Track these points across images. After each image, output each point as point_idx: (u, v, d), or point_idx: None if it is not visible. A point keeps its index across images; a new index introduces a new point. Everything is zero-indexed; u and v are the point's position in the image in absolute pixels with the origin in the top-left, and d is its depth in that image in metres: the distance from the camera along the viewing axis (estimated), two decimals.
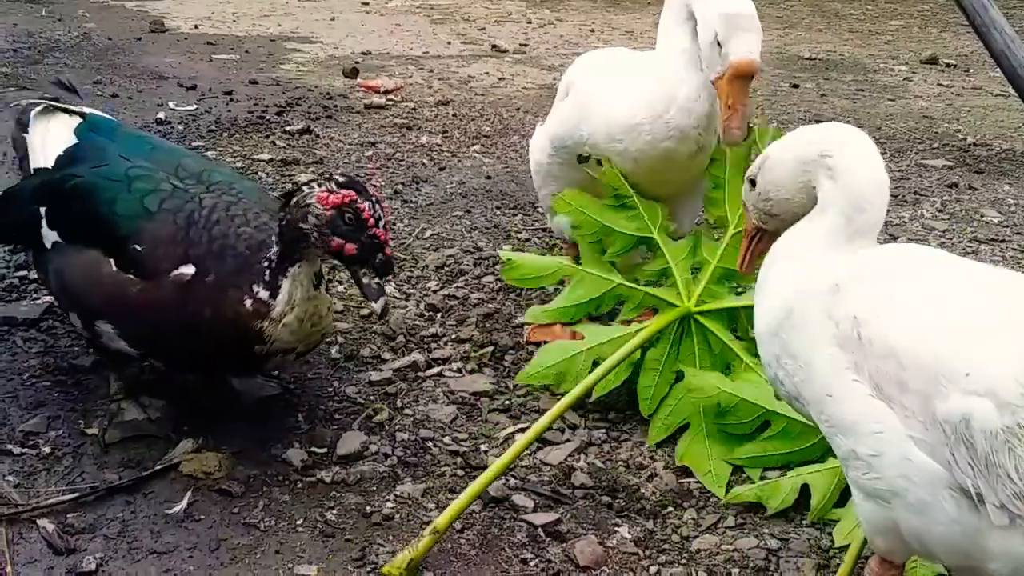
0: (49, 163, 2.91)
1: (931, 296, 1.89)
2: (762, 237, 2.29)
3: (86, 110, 3.11)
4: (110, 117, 3.12)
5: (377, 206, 2.47)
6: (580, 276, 3.09)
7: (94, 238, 2.69)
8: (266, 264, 2.55)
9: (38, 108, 3.09)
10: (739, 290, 3.04)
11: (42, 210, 2.79)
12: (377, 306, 2.49)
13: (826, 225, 2.07)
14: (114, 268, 2.64)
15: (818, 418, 2.01)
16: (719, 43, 2.76)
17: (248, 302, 2.53)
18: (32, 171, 2.96)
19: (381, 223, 2.47)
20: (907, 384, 1.81)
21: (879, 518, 1.92)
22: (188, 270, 2.57)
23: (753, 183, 2.25)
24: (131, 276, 2.61)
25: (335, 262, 2.70)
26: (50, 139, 2.97)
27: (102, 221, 2.67)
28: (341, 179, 2.51)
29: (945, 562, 1.91)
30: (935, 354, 1.79)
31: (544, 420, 2.68)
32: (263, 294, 2.54)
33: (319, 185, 2.50)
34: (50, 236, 2.78)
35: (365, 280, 2.50)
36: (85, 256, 2.69)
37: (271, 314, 2.54)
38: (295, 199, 2.52)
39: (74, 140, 2.93)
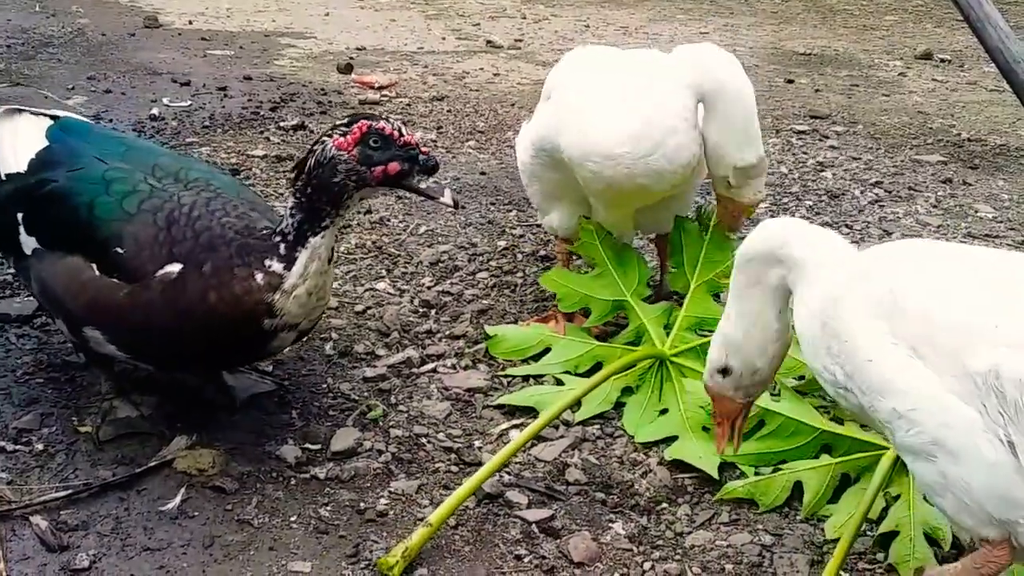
0: (22, 167, 2.84)
1: (957, 265, 2.03)
2: (745, 412, 2.41)
3: (59, 113, 3.05)
4: (83, 119, 3.08)
5: (391, 120, 2.50)
6: (561, 342, 3.22)
7: (75, 243, 2.65)
8: (279, 239, 2.54)
9: (2, 111, 3.02)
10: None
11: (19, 216, 2.75)
12: (447, 199, 2.51)
13: (814, 285, 2.15)
14: (97, 273, 2.61)
15: (860, 389, 2.06)
16: (729, 183, 2.93)
17: (259, 276, 2.52)
18: (4, 176, 2.87)
19: (404, 131, 2.49)
20: (939, 341, 1.92)
21: (933, 476, 1.96)
22: (174, 268, 2.54)
23: (724, 371, 2.33)
24: (115, 280, 2.58)
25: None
26: (20, 143, 2.90)
27: (82, 226, 2.63)
28: (344, 120, 2.52)
29: (998, 516, 1.91)
30: (965, 311, 1.92)
31: (539, 422, 2.77)
32: (277, 267, 2.53)
33: (328, 138, 2.50)
34: (29, 243, 2.74)
35: (423, 185, 2.51)
36: (67, 262, 2.65)
37: (283, 285, 2.53)
38: (311, 162, 2.50)
39: (45, 143, 2.87)
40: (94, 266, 2.61)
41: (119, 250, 2.58)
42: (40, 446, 2.74)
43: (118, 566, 2.35)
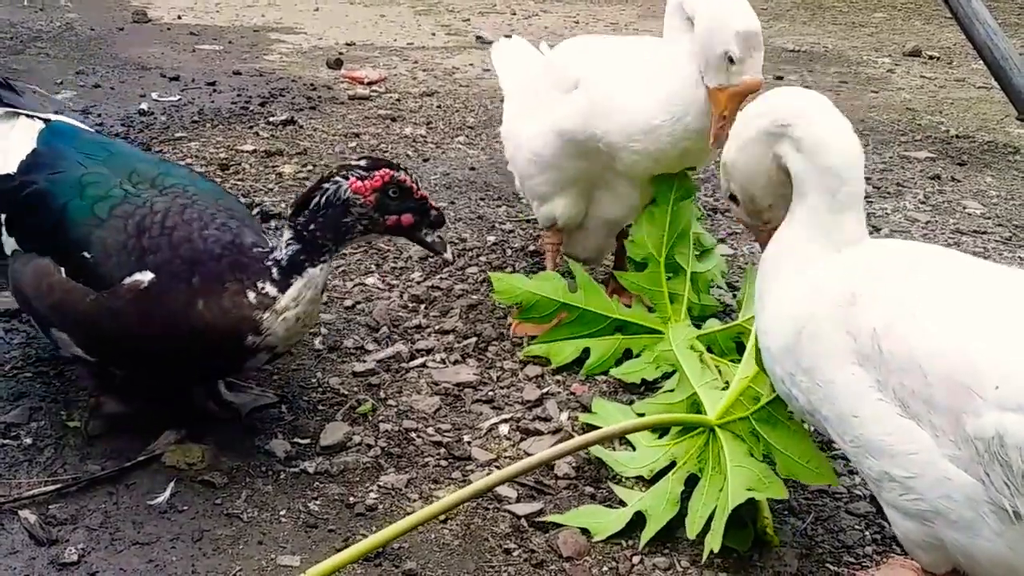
0: (11, 169, 2.86)
1: (952, 304, 1.82)
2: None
3: (52, 116, 3.07)
4: (74, 123, 3.09)
5: (410, 172, 2.59)
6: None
7: (46, 246, 2.66)
8: (272, 264, 2.55)
9: (0, 112, 3.04)
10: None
11: (2, 217, 2.78)
12: (449, 255, 2.71)
13: (808, 210, 2.02)
14: (64, 276, 2.61)
15: (840, 437, 1.93)
16: (730, 59, 2.81)
17: (251, 295, 2.53)
18: None
19: (420, 185, 2.59)
20: (934, 400, 1.76)
21: (921, 536, 1.87)
22: (144, 277, 2.53)
23: (734, 197, 2.21)
24: (81, 285, 2.58)
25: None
26: (12, 145, 2.92)
27: (54, 228, 2.64)
28: (365, 163, 2.57)
29: (994, 574, 1.83)
30: (961, 366, 1.73)
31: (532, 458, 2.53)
32: (270, 289, 2.53)
33: (345, 178, 2.53)
34: (10, 243, 2.76)
35: (429, 239, 2.64)
36: (37, 264, 2.67)
37: (275, 306, 2.54)
38: (319, 200, 2.53)
39: (35, 146, 2.89)
40: (62, 269, 2.61)
41: (86, 255, 2.59)
42: (29, 440, 2.73)
43: (107, 560, 2.34)
